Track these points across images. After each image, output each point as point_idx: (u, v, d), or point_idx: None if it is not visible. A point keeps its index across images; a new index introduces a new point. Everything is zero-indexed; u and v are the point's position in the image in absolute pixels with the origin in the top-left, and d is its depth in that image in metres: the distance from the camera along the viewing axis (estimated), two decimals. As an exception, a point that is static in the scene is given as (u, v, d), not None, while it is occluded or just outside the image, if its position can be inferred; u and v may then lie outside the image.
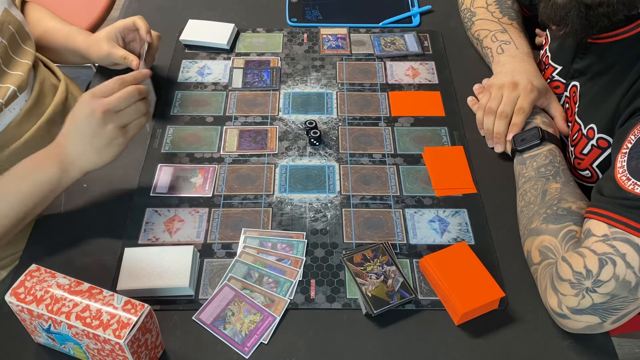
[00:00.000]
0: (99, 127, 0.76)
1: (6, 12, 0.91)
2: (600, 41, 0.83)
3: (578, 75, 0.90)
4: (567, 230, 0.75)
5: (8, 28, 0.91)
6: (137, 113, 0.79)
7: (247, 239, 0.83)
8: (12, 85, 0.88)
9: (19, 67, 0.91)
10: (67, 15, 1.15)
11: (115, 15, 1.30)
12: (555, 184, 0.81)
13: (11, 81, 0.88)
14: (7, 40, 0.89)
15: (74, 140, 0.78)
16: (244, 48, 1.14)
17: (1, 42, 0.88)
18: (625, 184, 0.68)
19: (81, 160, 0.79)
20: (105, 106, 0.76)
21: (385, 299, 0.75)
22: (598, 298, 0.68)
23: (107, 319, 0.63)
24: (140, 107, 0.79)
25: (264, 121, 1.00)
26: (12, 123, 0.88)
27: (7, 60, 0.89)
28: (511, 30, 1.03)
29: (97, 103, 0.76)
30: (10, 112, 0.88)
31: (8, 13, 0.92)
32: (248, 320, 0.75)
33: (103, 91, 0.77)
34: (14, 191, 0.77)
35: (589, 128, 0.84)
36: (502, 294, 0.74)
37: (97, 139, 0.77)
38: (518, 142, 0.88)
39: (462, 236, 0.84)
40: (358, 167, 0.93)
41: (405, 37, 1.16)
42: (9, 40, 0.90)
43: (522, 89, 0.91)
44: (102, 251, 0.82)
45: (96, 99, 0.76)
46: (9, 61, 0.90)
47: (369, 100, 1.04)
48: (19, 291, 0.65)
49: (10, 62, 0.90)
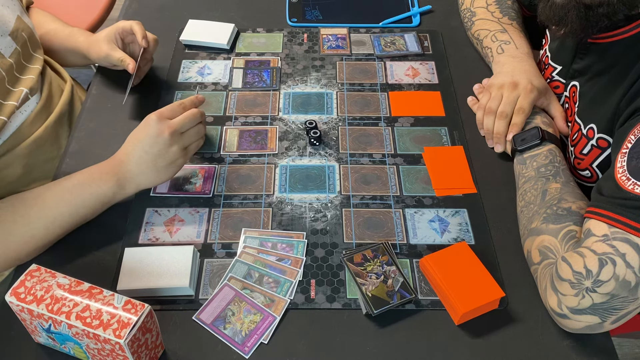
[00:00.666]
0: (165, 147, 0.80)
1: (19, 19, 0.93)
2: (600, 41, 0.83)
3: (578, 75, 0.90)
4: (567, 230, 0.75)
5: (22, 35, 0.92)
6: (197, 135, 0.85)
7: (247, 239, 0.83)
8: (25, 88, 0.90)
9: (30, 72, 0.93)
10: (67, 15, 1.15)
11: (115, 15, 1.30)
12: (555, 184, 0.81)
13: (24, 85, 0.91)
14: (20, 47, 0.91)
15: (137, 159, 0.81)
16: (244, 48, 1.14)
17: (15, 48, 0.90)
18: (625, 184, 0.68)
19: (140, 177, 0.82)
20: (173, 127, 0.80)
21: (386, 299, 0.75)
22: (598, 298, 0.68)
23: (107, 319, 0.63)
24: (200, 130, 0.85)
25: (264, 121, 1.00)
26: (24, 123, 0.91)
27: (20, 67, 0.91)
28: (511, 30, 1.03)
29: (165, 124, 0.80)
30: (22, 114, 0.91)
31: (21, 20, 0.93)
32: (248, 320, 0.75)
33: (169, 113, 0.82)
34: (69, 202, 0.80)
35: (589, 128, 0.84)
36: (502, 294, 0.74)
37: (161, 159, 0.81)
38: (518, 142, 0.88)
39: (462, 236, 0.84)
40: (358, 167, 0.93)
41: (405, 37, 1.16)
42: (22, 47, 0.92)
43: (522, 89, 0.91)
44: (102, 251, 0.82)
45: (164, 121, 0.80)
46: (22, 68, 0.91)
47: (369, 100, 1.04)
48: (19, 291, 0.65)
49: (22, 69, 0.92)
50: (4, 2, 0.91)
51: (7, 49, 0.88)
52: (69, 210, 0.80)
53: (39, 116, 0.93)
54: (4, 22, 0.89)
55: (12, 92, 0.88)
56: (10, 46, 0.89)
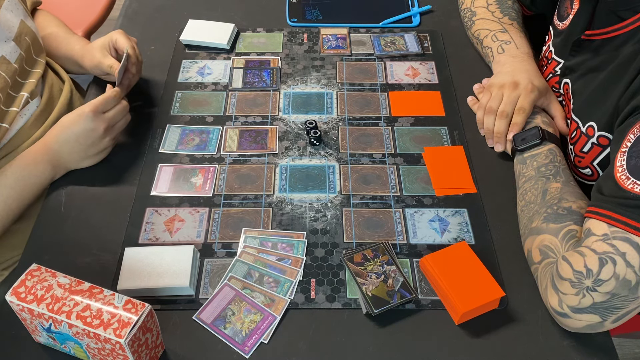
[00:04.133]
0: (99, 140, 0.88)
1: (23, 23, 0.92)
2: (594, 38, 0.83)
3: (569, 73, 0.90)
4: (567, 229, 0.75)
5: (25, 40, 0.92)
6: (125, 124, 0.92)
7: (247, 238, 0.83)
8: (26, 93, 0.91)
9: (32, 76, 0.94)
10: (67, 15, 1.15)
11: (116, 15, 1.30)
12: (555, 184, 0.81)
13: (25, 89, 0.91)
14: (24, 52, 0.91)
15: (69, 148, 0.87)
16: (244, 48, 1.14)
17: (20, 53, 0.90)
18: (625, 183, 0.68)
19: (71, 162, 0.89)
20: (107, 122, 0.87)
21: (386, 299, 0.75)
22: (598, 297, 0.68)
23: (107, 319, 0.63)
24: (127, 118, 0.92)
25: (264, 121, 1.00)
26: (24, 127, 0.91)
27: (23, 71, 0.91)
28: (512, 30, 1.03)
29: (100, 120, 0.86)
30: (22, 118, 0.91)
31: (24, 24, 0.93)
32: (248, 319, 0.75)
33: (104, 107, 0.87)
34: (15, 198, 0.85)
35: (589, 126, 0.84)
36: (502, 294, 0.74)
37: (92, 148, 0.88)
38: (518, 141, 0.88)
39: (462, 236, 0.84)
40: (358, 167, 0.93)
41: (405, 37, 1.16)
42: (25, 52, 0.92)
43: (522, 89, 0.91)
44: (102, 251, 0.82)
45: (99, 116, 0.86)
46: (25, 72, 0.92)
47: (369, 100, 1.04)
48: (19, 290, 0.65)
49: (25, 73, 0.92)
50: (8, 6, 0.91)
51: (13, 54, 0.88)
52: (17, 204, 0.85)
53: (39, 119, 0.94)
54: (8, 27, 0.89)
55: (15, 97, 0.88)
56: (15, 51, 0.89)
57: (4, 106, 0.85)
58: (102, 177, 0.91)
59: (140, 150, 0.95)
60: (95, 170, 0.91)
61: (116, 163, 0.93)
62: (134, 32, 1.16)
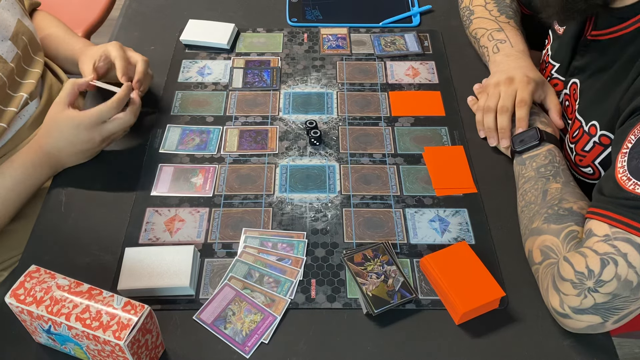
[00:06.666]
0: (94, 147, 0.88)
1: (20, 22, 0.92)
2: (601, 37, 0.83)
3: (577, 73, 0.90)
4: (568, 230, 0.74)
5: (22, 39, 0.92)
6: (123, 132, 0.91)
7: (247, 238, 0.83)
8: (25, 94, 0.90)
9: (31, 76, 0.93)
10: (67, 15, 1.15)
11: (116, 15, 1.30)
12: (555, 184, 0.81)
13: (24, 90, 0.91)
14: (21, 51, 0.91)
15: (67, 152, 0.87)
16: (244, 48, 1.14)
17: (16, 53, 0.89)
18: (626, 184, 0.68)
19: (67, 163, 0.89)
20: (104, 135, 0.86)
21: (386, 299, 0.75)
22: (600, 298, 0.67)
23: (107, 320, 0.63)
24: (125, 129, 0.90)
25: (264, 121, 1.00)
26: (22, 128, 0.92)
27: (21, 71, 0.91)
28: (507, 28, 1.03)
29: (97, 132, 0.85)
30: (21, 119, 0.91)
31: (21, 24, 0.93)
32: (249, 319, 0.75)
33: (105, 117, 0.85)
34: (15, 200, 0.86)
35: (591, 125, 0.84)
36: (502, 294, 0.74)
37: (89, 152, 0.89)
38: (517, 143, 0.88)
39: (462, 236, 0.84)
40: (358, 167, 0.93)
41: (406, 37, 1.16)
42: (22, 51, 0.91)
43: (518, 82, 0.91)
44: (102, 251, 0.82)
45: (95, 128, 0.85)
46: (22, 72, 0.91)
47: (369, 100, 1.04)
48: (18, 292, 0.65)
49: (23, 73, 0.92)
50: (5, 5, 0.91)
51: (9, 53, 0.88)
52: (14, 205, 0.86)
53: (38, 120, 0.93)
54: (5, 26, 0.89)
55: (13, 97, 0.88)
56: (12, 50, 0.89)
57: (1, 105, 0.85)
58: (102, 177, 0.90)
59: (140, 150, 0.95)
60: (96, 170, 0.91)
61: (116, 163, 0.93)
62: (134, 32, 1.16)
